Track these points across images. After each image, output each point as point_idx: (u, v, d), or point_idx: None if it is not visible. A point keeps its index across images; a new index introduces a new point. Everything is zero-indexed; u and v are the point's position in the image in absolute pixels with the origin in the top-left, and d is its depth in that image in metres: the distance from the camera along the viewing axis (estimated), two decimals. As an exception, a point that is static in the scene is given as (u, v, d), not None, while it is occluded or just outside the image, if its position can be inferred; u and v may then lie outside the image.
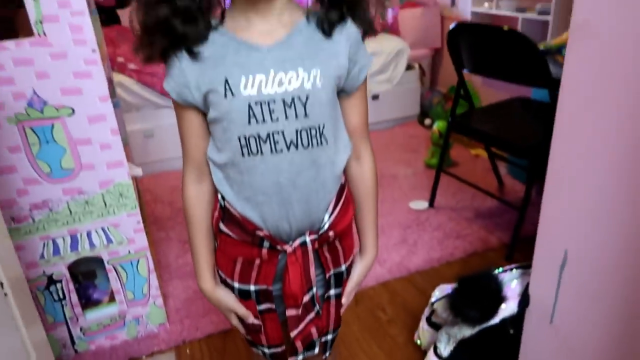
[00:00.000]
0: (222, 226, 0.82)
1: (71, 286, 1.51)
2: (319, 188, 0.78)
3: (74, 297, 1.53)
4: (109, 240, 1.49)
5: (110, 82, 1.81)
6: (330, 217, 0.81)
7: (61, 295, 1.51)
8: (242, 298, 0.85)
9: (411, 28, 3.61)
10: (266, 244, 0.79)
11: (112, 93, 1.69)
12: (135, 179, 1.87)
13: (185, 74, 0.71)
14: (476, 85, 3.29)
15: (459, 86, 2.18)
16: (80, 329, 1.57)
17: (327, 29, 0.74)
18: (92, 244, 1.48)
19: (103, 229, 1.47)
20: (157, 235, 2.24)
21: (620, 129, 0.82)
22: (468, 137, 2.24)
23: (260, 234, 0.78)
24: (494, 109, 2.30)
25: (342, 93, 0.79)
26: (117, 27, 3.43)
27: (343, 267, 0.88)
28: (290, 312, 0.83)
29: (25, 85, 1.24)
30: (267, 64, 0.71)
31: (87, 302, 1.62)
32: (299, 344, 0.86)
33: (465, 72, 2.12)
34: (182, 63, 0.71)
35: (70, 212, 1.41)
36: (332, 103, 0.76)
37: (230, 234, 0.81)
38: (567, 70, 0.86)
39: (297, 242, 0.79)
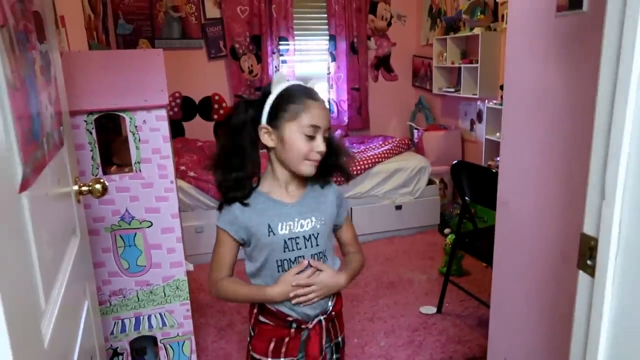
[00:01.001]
0: (260, 317, 1.24)
1: (130, 359, 1.90)
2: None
3: (130, 369, 1.91)
4: (164, 324, 1.89)
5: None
6: (332, 302, 1.26)
7: (121, 366, 1.90)
8: None
9: (435, 148, 4.08)
10: (294, 325, 1.20)
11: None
12: (187, 273, 2.30)
13: (237, 218, 1.17)
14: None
15: (462, 210, 2.56)
16: (132, 396, 1.93)
17: (322, 184, 1.23)
18: (150, 325, 1.88)
19: (160, 314, 1.88)
20: (198, 320, 2.62)
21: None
22: (472, 256, 2.58)
23: (290, 319, 1.19)
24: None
25: (336, 227, 1.29)
26: (182, 139, 4.08)
27: (339, 338, 1.33)
28: None
29: (121, 205, 1.73)
30: (292, 214, 1.18)
31: (139, 374, 1.99)
32: None
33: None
34: (235, 212, 1.17)
35: (138, 299, 1.84)
36: (329, 236, 1.25)
37: (268, 322, 1.22)
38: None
39: (315, 321, 1.22)
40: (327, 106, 1.21)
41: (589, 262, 0.77)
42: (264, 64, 4.33)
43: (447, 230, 3.83)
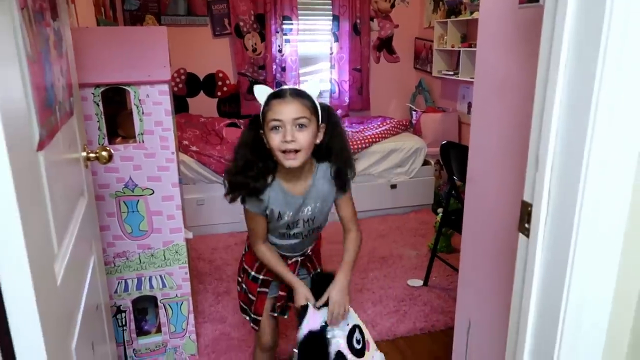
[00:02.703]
0: None
1: (132, 317, 2.05)
2: (309, 245, 1.54)
3: (132, 325, 2.06)
4: (164, 285, 2.04)
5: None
6: (311, 247, 1.56)
7: (124, 323, 2.05)
8: (251, 280, 1.60)
9: (432, 129, 4.18)
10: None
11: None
12: (187, 240, 2.44)
13: (259, 203, 1.39)
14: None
15: (450, 189, 2.67)
16: (133, 351, 2.09)
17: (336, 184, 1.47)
18: (151, 286, 2.03)
19: (160, 276, 2.02)
20: (197, 286, 2.77)
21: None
22: (458, 233, 2.70)
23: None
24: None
25: (335, 200, 1.50)
26: (186, 114, 4.19)
27: (318, 269, 1.63)
28: (282, 293, 1.60)
29: (125, 173, 1.85)
30: (298, 204, 1.42)
31: (140, 331, 2.15)
32: (278, 309, 1.63)
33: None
34: (255, 200, 1.40)
35: (140, 261, 1.98)
36: (327, 213, 1.50)
37: None
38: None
39: (294, 259, 1.58)
40: (300, 99, 1.32)
41: (526, 225, 0.89)
42: (267, 43, 4.41)
43: (439, 210, 3.95)
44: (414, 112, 4.48)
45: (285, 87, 1.36)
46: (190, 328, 2.14)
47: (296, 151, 1.30)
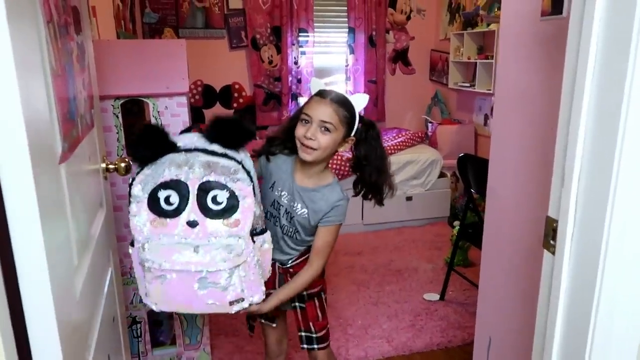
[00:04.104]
0: None
1: (147, 327, 2.05)
2: (287, 245, 1.48)
3: (148, 336, 2.06)
4: (179, 296, 2.03)
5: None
6: (291, 262, 1.50)
7: (139, 334, 2.05)
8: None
9: (448, 141, 4.15)
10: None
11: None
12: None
13: (265, 162, 1.42)
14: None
15: (467, 202, 2.64)
16: (148, 362, 2.08)
17: (331, 189, 1.45)
18: (167, 298, 2.02)
19: (176, 287, 2.02)
20: (212, 298, 2.76)
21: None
22: (475, 246, 2.66)
23: None
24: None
25: (319, 224, 1.45)
26: (202, 125, 4.21)
27: (304, 292, 1.51)
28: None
29: (143, 184, 1.86)
30: (291, 189, 1.40)
31: (155, 342, 2.14)
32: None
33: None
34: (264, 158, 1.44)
35: (156, 272, 1.98)
36: (308, 226, 1.44)
37: None
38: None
39: (274, 265, 1.47)
40: (337, 107, 1.33)
41: (551, 241, 0.87)
42: (283, 55, 4.44)
43: (456, 223, 3.91)
44: (429, 124, 4.46)
45: (333, 89, 1.39)
46: (205, 340, 2.13)
47: (313, 149, 1.33)
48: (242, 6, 4.38)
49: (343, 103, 1.33)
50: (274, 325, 1.63)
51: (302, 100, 4.57)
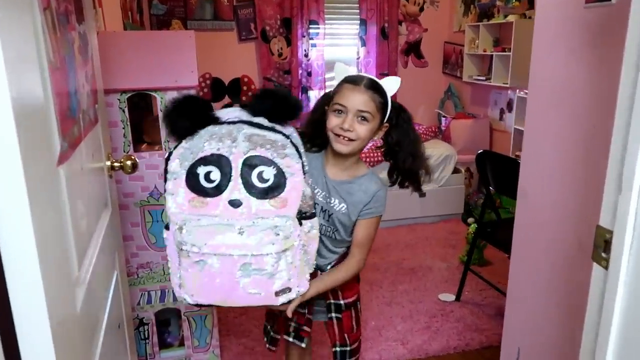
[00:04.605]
0: None
1: (154, 329, 1.98)
2: (326, 247, 1.35)
3: (155, 338, 1.99)
4: (188, 298, 1.96)
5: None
6: (330, 267, 1.36)
7: (146, 335, 1.98)
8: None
9: (462, 136, 4.05)
10: None
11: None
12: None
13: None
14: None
15: (486, 200, 2.55)
16: (156, 365, 2.02)
17: (369, 179, 1.34)
18: (175, 298, 1.95)
19: (185, 288, 1.94)
20: (221, 297, 2.69)
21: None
22: (493, 246, 2.57)
23: None
24: (519, 220, 2.63)
25: (358, 217, 1.32)
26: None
27: (341, 301, 1.38)
28: (308, 315, 1.39)
29: (150, 182, 1.79)
30: (326, 186, 1.29)
31: (163, 344, 2.07)
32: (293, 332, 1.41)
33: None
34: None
35: (164, 272, 1.91)
36: (348, 222, 1.31)
37: None
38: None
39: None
40: (372, 93, 1.23)
41: (603, 254, 0.78)
42: (293, 47, 4.34)
43: (470, 220, 3.81)
44: (443, 118, 4.36)
45: (364, 74, 1.29)
46: (214, 342, 2.06)
47: (350, 139, 1.24)
48: (252, -3, 4.28)
49: (377, 89, 1.24)
50: (303, 345, 1.44)
51: (312, 94, 4.50)
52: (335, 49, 4.58)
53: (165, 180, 1.11)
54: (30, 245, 0.61)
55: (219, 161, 1.05)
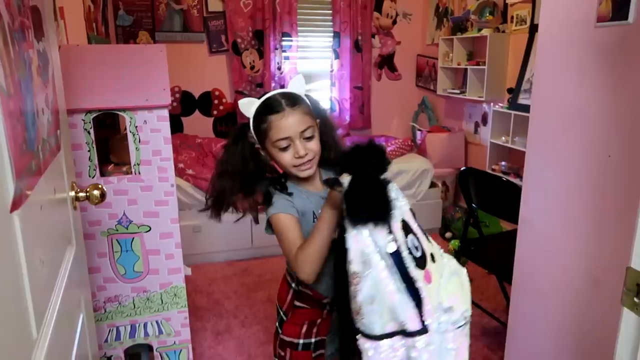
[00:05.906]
0: (296, 302, 1.29)
1: (124, 367, 1.83)
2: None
3: (125, 377, 1.84)
4: (160, 331, 1.82)
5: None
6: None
7: (115, 374, 1.82)
8: (303, 350, 1.29)
9: (438, 149, 4.01)
10: (328, 307, 1.27)
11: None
12: (186, 278, 2.22)
13: (292, 202, 1.20)
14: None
15: (468, 217, 2.49)
16: (126, 406, 1.86)
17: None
18: (146, 333, 1.81)
19: (157, 322, 1.81)
20: (194, 324, 2.55)
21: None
22: (477, 265, 2.51)
23: (325, 301, 1.26)
24: (503, 238, 2.59)
25: None
26: (181, 135, 3.99)
27: None
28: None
29: (119, 209, 1.65)
30: (322, 198, 1.16)
31: (133, 382, 1.92)
32: None
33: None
34: (286, 197, 1.21)
35: (134, 306, 1.77)
36: None
37: (304, 305, 1.28)
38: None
39: (327, 307, 1.27)
40: (297, 107, 1.17)
41: (635, 299, 0.71)
42: (266, 60, 4.24)
43: (448, 234, 3.77)
44: (418, 132, 4.32)
45: (273, 94, 1.20)
46: (190, 378, 1.92)
47: (310, 160, 1.19)
48: (223, 9, 4.17)
49: (296, 99, 1.19)
50: None
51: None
52: (309, 62, 4.51)
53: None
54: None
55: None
